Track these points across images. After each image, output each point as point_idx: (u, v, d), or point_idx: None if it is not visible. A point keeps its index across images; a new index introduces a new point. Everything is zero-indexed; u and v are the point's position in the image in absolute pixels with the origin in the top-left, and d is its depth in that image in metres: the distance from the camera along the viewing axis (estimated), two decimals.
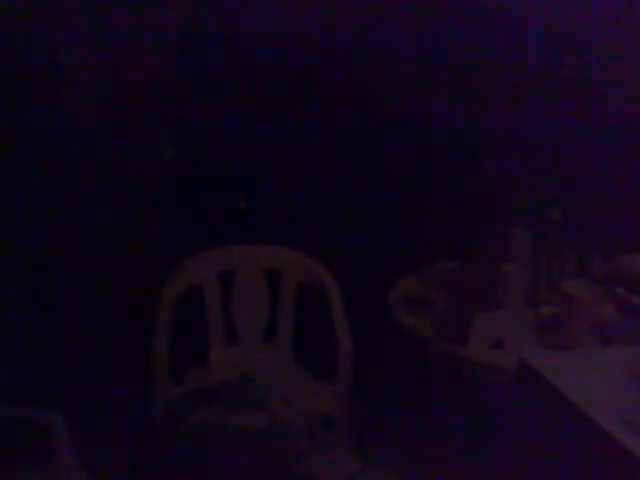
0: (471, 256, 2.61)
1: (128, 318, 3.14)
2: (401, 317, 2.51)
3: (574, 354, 2.01)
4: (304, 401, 2.52)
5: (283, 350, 2.94)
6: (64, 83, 3.17)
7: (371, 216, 3.44)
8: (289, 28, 3.28)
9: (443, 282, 2.61)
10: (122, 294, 3.26)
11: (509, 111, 3.33)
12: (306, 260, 2.93)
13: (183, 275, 2.85)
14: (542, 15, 3.22)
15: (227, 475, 2.33)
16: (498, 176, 3.31)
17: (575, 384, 1.69)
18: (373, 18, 3.30)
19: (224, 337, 2.94)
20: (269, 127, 3.33)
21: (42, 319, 3.13)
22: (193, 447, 2.42)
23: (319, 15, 3.29)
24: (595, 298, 2.26)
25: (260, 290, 2.96)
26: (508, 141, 3.33)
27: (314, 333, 2.83)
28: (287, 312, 2.96)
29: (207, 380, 2.68)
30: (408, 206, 3.40)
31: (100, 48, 3.17)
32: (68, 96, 3.18)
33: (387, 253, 3.31)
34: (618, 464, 1.48)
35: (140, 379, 2.65)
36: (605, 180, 3.15)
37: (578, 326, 2.22)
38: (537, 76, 3.28)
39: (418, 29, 3.29)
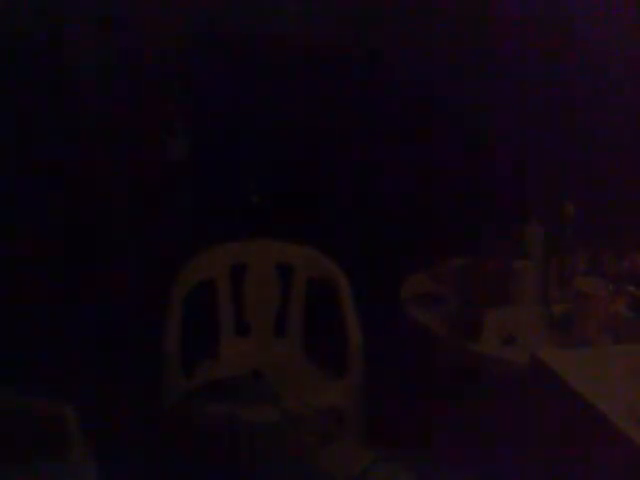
0: (483, 252, 2.60)
1: (140, 311, 3.15)
2: (413, 313, 2.51)
3: (586, 351, 2.00)
4: (315, 395, 2.53)
5: (294, 345, 2.95)
6: (74, 80, 3.18)
7: (383, 211, 3.44)
8: (307, 26, 3.28)
9: (455, 278, 2.61)
10: (134, 288, 3.27)
11: (523, 110, 3.32)
12: (317, 255, 2.93)
13: (195, 269, 2.86)
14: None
15: (239, 469, 2.34)
16: (511, 172, 3.31)
17: (587, 381, 1.68)
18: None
19: (235, 331, 2.95)
20: (282, 122, 3.33)
21: (52, 312, 3.14)
22: (204, 442, 2.43)
23: (334, 13, 3.30)
24: (608, 296, 2.26)
25: (271, 285, 2.96)
26: (522, 137, 3.32)
27: (325, 328, 2.83)
28: (298, 307, 2.96)
29: (217, 374, 2.69)
30: (420, 201, 3.39)
31: (112, 43, 3.17)
32: (80, 92, 3.19)
33: (399, 249, 3.31)
34: (631, 461, 1.47)
35: (151, 373, 2.66)
36: (618, 177, 3.14)
37: (591, 323, 2.22)
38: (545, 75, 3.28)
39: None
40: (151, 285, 3.13)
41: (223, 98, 3.30)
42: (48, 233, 3.15)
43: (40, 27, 3.04)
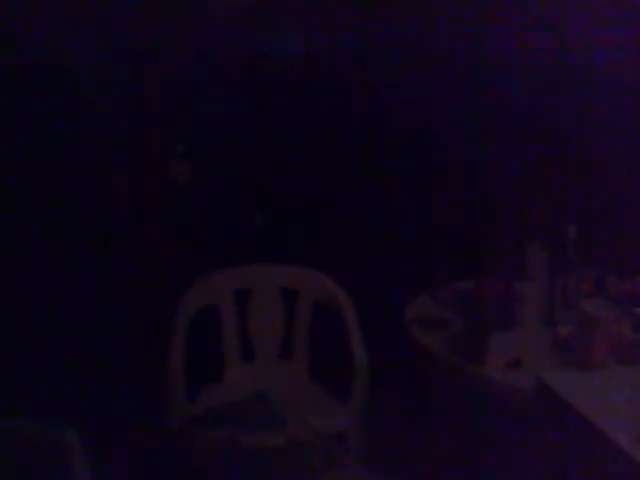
0: (487, 275, 2.60)
1: (144, 335, 3.15)
2: (416, 336, 2.50)
3: (592, 374, 2.00)
4: (320, 418, 2.52)
5: (299, 368, 2.94)
6: (79, 104, 3.20)
7: (387, 234, 3.45)
8: (307, 50, 3.31)
9: (459, 301, 2.61)
10: (138, 311, 3.27)
11: (524, 133, 3.34)
12: (321, 278, 2.94)
13: (199, 293, 2.86)
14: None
15: None
16: (514, 195, 3.31)
17: (593, 403, 1.68)
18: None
19: (240, 355, 2.95)
20: (285, 143, 3.36)
21: (55, 334, 3.14)
22: (208, 465, 2.42)
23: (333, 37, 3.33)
24: (613, 318, 2.25)
25: (276, 308, 2.97)
26: (523, 160, 3.33)
27: (330, 351, 2.83)
28: (303, 330, 2.96)
29: (223, 398, 2.68)
30: (423, 223, 3.40)
31: (115, 66, 3.20)
32: (81, 115, 3.22)
33: (403, 271, 3.31)
34: None
35: (155, 397, 2.66)
36: (621, 199, 3.14)
37: (596, 346, 2.21)
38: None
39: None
40: (152, 309, 3.13)
41: (224, 120, 3.33)
42: (49, 251, 3.16)
43: (42, 56, 3.07)
